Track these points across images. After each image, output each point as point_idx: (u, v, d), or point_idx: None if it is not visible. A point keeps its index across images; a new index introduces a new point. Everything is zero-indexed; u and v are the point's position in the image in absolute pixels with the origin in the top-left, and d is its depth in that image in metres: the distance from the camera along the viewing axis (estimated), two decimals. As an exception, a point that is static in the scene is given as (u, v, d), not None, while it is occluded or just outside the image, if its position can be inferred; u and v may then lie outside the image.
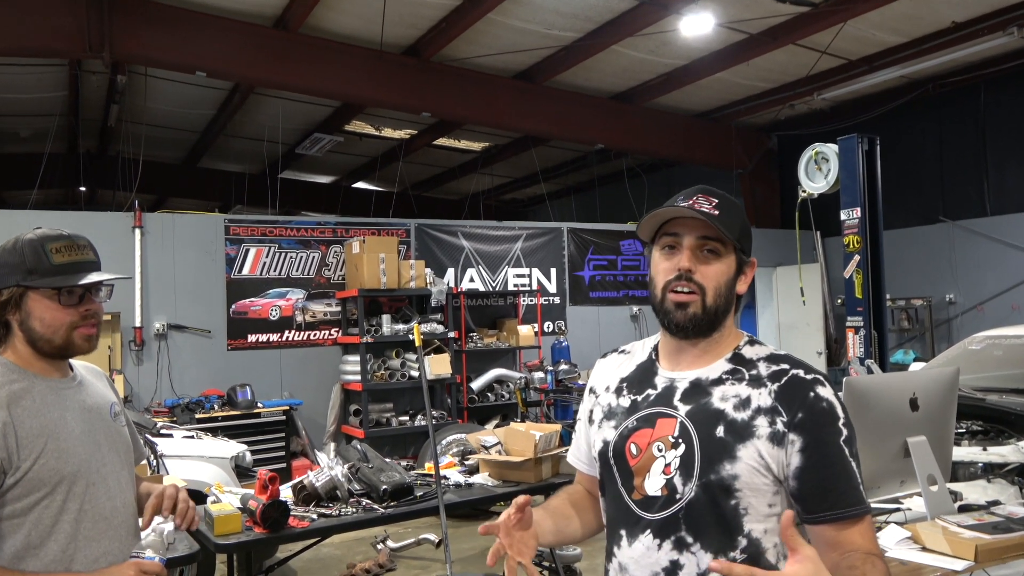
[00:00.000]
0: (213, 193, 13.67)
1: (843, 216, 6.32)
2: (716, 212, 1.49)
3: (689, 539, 1.45)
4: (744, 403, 1.47)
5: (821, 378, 1.47)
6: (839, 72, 9.30)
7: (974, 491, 3.46)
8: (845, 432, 1.44)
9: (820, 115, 10.62)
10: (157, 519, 1.90)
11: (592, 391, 1.72)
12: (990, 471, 3.68)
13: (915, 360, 8.46)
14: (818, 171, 6.53)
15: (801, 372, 1.48)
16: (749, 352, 1.55)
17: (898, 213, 9.58)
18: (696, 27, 7.82)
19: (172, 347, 7.64)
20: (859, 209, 6.20)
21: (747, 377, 1.50)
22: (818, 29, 7.88)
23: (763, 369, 1.50)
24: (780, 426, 1.43)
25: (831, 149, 6.42)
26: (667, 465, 1.49)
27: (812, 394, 1.44)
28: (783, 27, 8.03)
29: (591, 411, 1.70)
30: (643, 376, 1.62)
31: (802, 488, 1.43)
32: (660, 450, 1.50)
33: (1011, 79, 9.06)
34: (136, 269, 7.50)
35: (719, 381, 1.52)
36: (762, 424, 1.44)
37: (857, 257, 6.26)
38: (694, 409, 1.50)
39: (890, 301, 8.87)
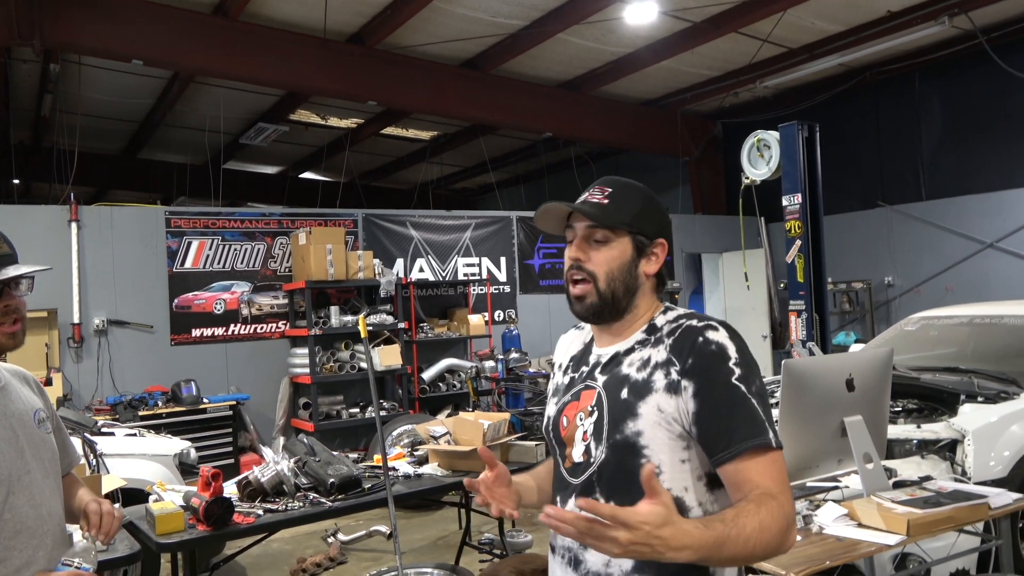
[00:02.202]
0: (155, 185, 13.33)
1: (784, 202, 6.45)
2: (606, 201, 1.58)
3: (602, 500, 1.49)
4: (645, 363, 1.53)
5: (714, 323, 1.50)
6: (781, 60, 9.48)
7: (909, 467, 3.57)
8: (738, 371, 1.44)
9: (763, 102, 10.80)
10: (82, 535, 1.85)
11: (553, 370, 1.83)
12: (924, 447, 3.81)
13: (856, 342, 8.69)
14: (760, 158, 6.64)
15: (694, 322, 1.52)
16: (661, 320, 1.61)
17: (838, 198, 9.81)
18: (640, 15, 7.87)
19: (113, 343, 7.44)
20: (800, 195, 6.33)
21: (652, 341, 1.56)
22: (759, 17, 8.00)
23: (666, 329, 1.56)
24: (674, 375, 1.47)
25: (772, 136, 6.53)
26: (585, 432, 1.57)
27: (701, 339, 1.47)
28: (725, 15, 8.13)
29: (551, 389, 1.80)
30: (583, 354, 1.72)
31: (701, 432, 1.44)
32: (581, 419, 1.59)
33: (943, 67, 9.33)
34: (73, 264, 7.27)
35: (631, 350, 1.59)
36: (659, 378, 1.49)
37: (798, 242, 6.39)
38: (608, 379, 1.58)
39: (831, 284, 9.08)
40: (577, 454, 1.58)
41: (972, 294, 8.70)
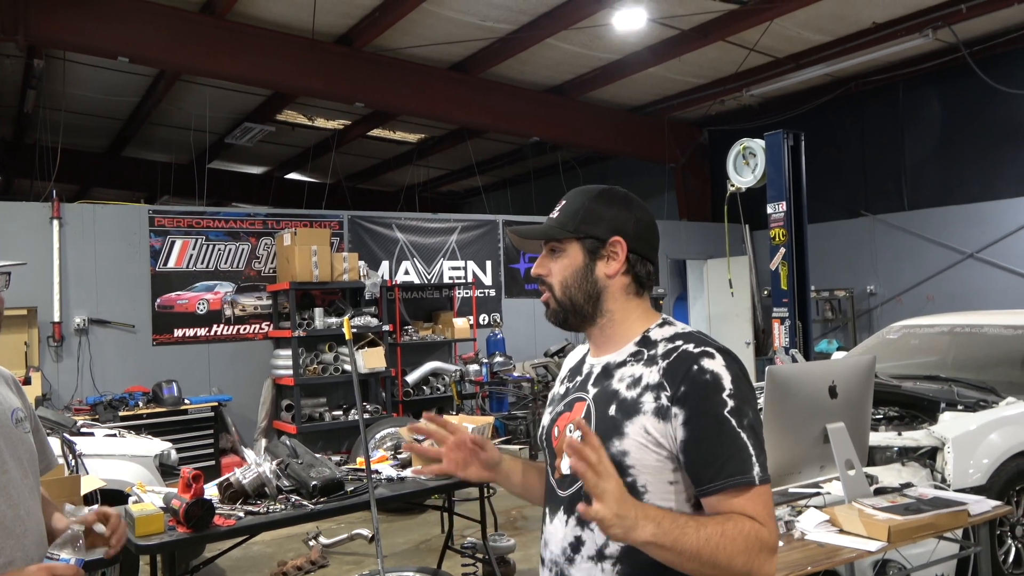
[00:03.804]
0: (139, 183, 13.22)
1: (769, 210, 6.49)
2: (556, 215, 1.63)
3: None
4: (636, 382, 1.50)
5: (711, 350, 1.45)
6: (767, 69, 9.54)
7: (890, 474, 3.60)
8: (731, 403, 1.41)
9: (749, 111, 10.87)
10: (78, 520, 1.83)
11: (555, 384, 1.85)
12: (904, 455, 3.84)
13: (838, 349, 8.75)
14: (746, 166, 6.69)
15: (691, 346, 1.47)
16: (656, 334, 1.57)
17: (822, 207, 9.89)
18: (629, 21, 7.91)
19: (94, 342, 7.36)
20: (784, 203, 6.38)
21: (645, 357, 1.53)
22: (747, 27, 8.06)
23: (661, 348, 1.52)
24: (664, 400, 1.44)
25: (758, 144, 6.58)
26: None
27: (696, 367, 1.43)
28: (713, 24, 8.19)
29: (549, 398, 1.81)
30: (579, 365, 1.71)
31: (687, 461, 1.42)
32: (571, 431, 1.57)
33: (926, 79, 9.44)
34: (54, 262, 7.19)
35: (622, 364, 1.56)
36: (648, 400, 1.46)
37: (783, 250, 6.43)
38: (598, 392, 1.56)
39: (814, 292, 9.14)
40: (565, 466, 1.55)
41: (953, 304, 8.78)
